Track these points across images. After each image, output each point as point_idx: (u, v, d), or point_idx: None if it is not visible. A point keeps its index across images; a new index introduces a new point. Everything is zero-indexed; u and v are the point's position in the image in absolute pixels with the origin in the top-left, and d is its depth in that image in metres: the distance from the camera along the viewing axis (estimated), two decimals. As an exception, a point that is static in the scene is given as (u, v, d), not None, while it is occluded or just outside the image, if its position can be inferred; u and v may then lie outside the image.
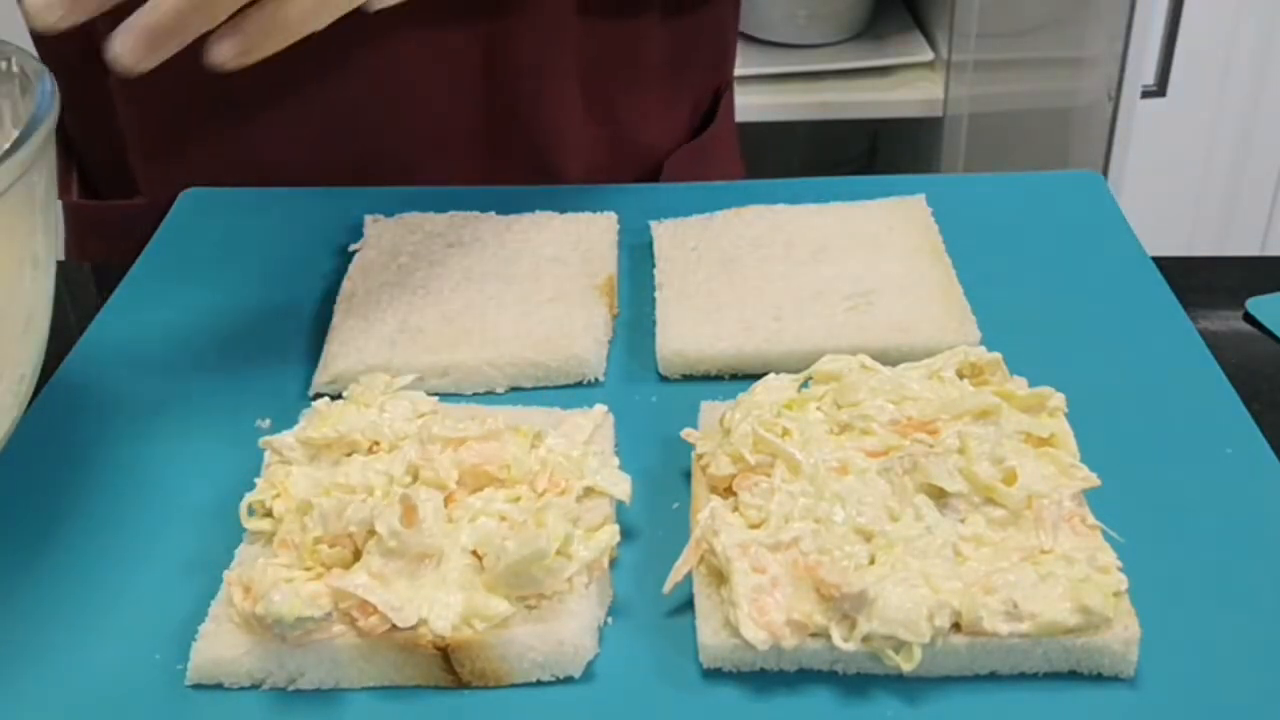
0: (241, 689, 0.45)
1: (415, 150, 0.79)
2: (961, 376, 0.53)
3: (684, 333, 0.61)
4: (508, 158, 0.80)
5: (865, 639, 0.43)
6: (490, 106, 0.78)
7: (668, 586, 0.47)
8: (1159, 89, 1.44)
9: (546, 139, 0.80)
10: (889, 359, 0.55)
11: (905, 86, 1.63)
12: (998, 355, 0.54)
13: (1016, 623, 0.43)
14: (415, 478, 0.49)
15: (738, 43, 0.93)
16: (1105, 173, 1.31)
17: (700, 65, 0.87)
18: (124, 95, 0.76)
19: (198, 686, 0.45)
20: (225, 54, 0.52)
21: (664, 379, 0.60)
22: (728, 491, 0.49)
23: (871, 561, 0.45)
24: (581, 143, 0.81)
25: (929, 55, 1.63)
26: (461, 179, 0.77)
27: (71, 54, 0.50)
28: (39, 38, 0.69)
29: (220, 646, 0.45)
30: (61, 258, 0.81)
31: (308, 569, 0.46)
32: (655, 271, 0.66)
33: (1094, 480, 0.48)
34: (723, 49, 0.89)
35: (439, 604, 0.44)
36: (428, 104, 0.77)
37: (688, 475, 0.53)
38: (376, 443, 0.51)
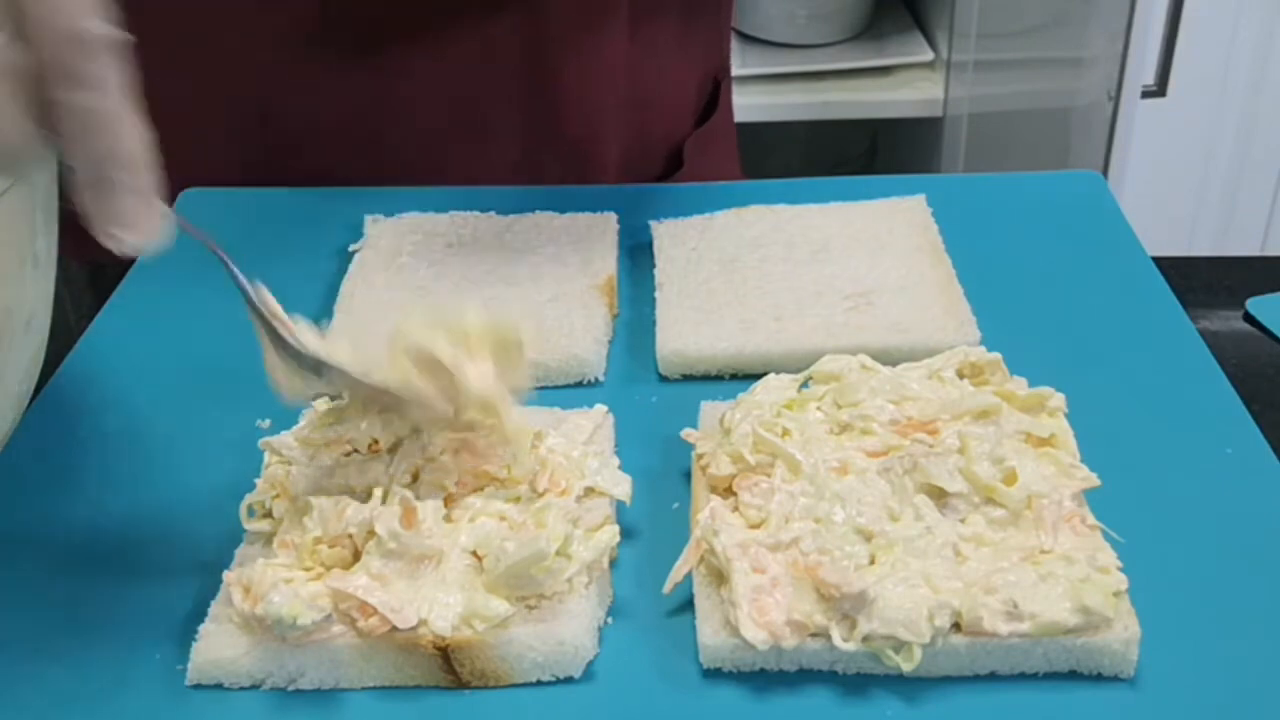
0: (241, 689, 0.45)
1: (450, 147, 0.78)
2: (961, 376, 0.53)
3: (684, 333, 0.61)
4: (547, 150, 0.79)
5: (865, 639, 0.43)
6: (531, 101, 0.77)
7: (668, 586, 0.47)
8: (1159, 89, 1.44)
9: (587, 130, 0.79)
10: (889, 359, 0.55)
11: (905, 86, 1.62)
12: (998, 355, 0.54)
13: (1016, 623, 0.43)
14: (415, 478, 0.49)
15: (737, 43, 0.92)
16: (1105, 173, 1.31)
17: (703, 41, 0.87)
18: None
19: (197, 686, 0.45)
20: None
21: (664, 379, 0.60)
22: (728, 491, 0.49)
23: (871, 561, 0.45)
24: (617, 132, 0.80)
25: (929, 55, 1.63)
26: (498, 175, 0.76)
27: None
28: None
29: (220, 646, 0.45)
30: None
31: (307, 569, 0.46)
32: (655, 271, 0.66)
33: (1094, 480, 0.48)
34: (719, 28, 0.89)
35: (439, 605, 0.44)
36: (468, 102, 0.77)
37: (688, 475, 0.53)
38: (376, 442, 0.51)
